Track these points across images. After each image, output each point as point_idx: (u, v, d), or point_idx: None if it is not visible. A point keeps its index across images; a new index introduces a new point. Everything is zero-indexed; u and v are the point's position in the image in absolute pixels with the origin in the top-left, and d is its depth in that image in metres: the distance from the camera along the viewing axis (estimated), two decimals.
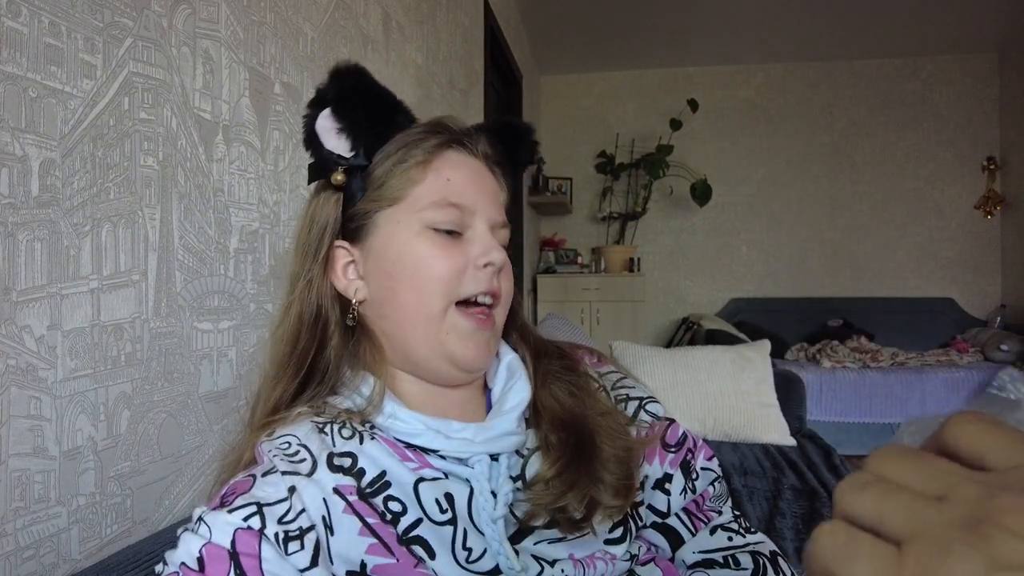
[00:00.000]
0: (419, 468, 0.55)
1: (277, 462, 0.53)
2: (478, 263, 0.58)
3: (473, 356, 0.58)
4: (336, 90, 0.57)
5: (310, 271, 0.60)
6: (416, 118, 0.64)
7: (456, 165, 0.60)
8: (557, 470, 0.55)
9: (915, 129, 4.35)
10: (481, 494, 0.54)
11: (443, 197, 0.58)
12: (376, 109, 0.59)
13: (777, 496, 1.68)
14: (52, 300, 0.67)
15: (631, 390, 0.68)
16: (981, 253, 4.28)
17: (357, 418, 0.56)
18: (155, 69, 0.82)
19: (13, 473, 0.63)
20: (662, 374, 2.15)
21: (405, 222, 0.58)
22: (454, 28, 2.34)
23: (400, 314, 0.58)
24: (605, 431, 0.59)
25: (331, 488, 0.52)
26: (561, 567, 0.55)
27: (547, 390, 0.62)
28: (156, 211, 0.82)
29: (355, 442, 0.55)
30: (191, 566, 0.46)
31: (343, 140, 0.58)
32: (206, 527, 0.47)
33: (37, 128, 0.65)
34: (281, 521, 0.48)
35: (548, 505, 0.54)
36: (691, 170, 4.23)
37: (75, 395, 0.70)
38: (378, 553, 0.50)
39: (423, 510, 0.53)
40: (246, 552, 0.46)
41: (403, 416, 0.56)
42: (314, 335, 0.59)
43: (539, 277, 4.25)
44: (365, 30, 1.49)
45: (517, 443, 0.57)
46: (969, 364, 3.49)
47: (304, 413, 0.58)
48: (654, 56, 4.40)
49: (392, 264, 0.58)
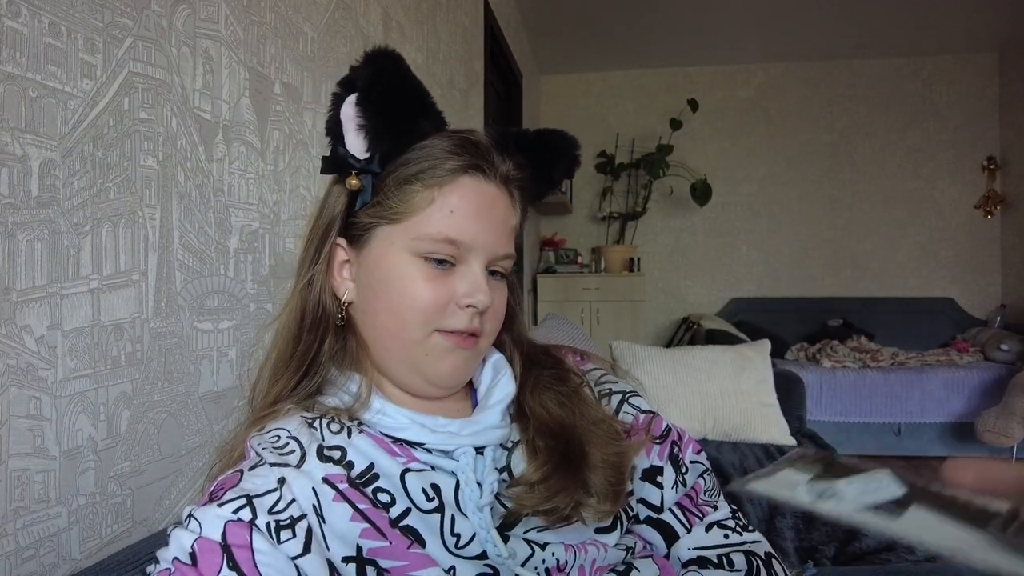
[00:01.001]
0: (406, 461, 0.56)
1: (265, 455, 0.54)
2: (461, 303, 0.57)
3: (448, 373, 0.58)
4: (367, 79, 0.55)
5: (312, 269, 0.61)
6: (445, 122, 0.61)
7: (466, 195, 0.57)
8: (542, 475, 0.55)
9: (915, 129, 4.35)
10: (467, 484, 0.55)
11: (441, 231, 0.56)
12: (401, 110, 0.57)
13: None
14: (52, 300, 0.67)
15: (614, 384, 0.69)
16: (981, 253, 4.28)
17: (345, 415, 0.57)
18: (155, 69, 0.82)
19: (13, 473, 0.63)
20: (662, 374, 2.15)
21: (400, 244, 0.57)
22: (454, 28, 2.34)
23: (379, 331, 0.59)
24: (596, 439, 0.59)
25: (320, 477, 0.52)
26: (552, 551, 0.55)
27: (536, 399, 0.62)
28: (156, 211, 0.82)
29: (343, 436, 0.56)
30: (184, 560, 0.46)
31: (361, 139, 0.56)
32: (196, 522, 0.48)
33: (37, 128, 0.65)
34: (272, 511, 0.49)
35: (532, 507, 0.54)
36: (691, 170, 4.23)
37: (75, 395, 0.70)
38: (371, 537, 0.51)
39: (410, 499, 0.54)
40: (238, 544, 0.47)
41: (390, 411, 0.57)
42: (315, 334, 0.60)
43: (539, 277, 4.25)
44: (365, 30, 1.49)
45: (502, 436, 0.58)
46: (969, 364, 3.49)
47: (293, 409, 0.59)
48: (654, 56, 4.40)
49: (379, 282, 0.58)
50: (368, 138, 0.56)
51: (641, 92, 4.65)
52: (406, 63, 0.57)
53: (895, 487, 0.24)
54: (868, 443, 3.38)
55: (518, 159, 0.62)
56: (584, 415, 0.61)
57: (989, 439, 2.94)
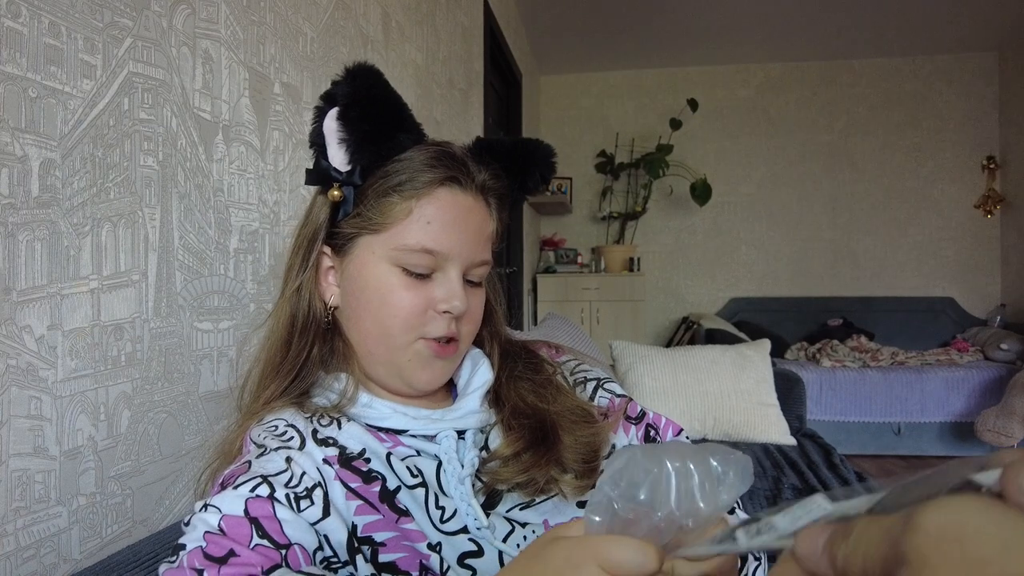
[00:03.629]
0: (392, 446, 0.59)
1: (268, 442, 0.56)
2: (438, 308, 0.60)
3: (428, 381, 0.62)
4: (347, 95, 0.58)
5: (300, 276, 0.63)
6: (423, 134, 0.64)
7: (443, 206, 0.60)
8: (515, 450, 0.58)
9: (915, 128, 4.35)
10: (449, 463, 0.58)
11: (419, 242, 0.58)
12: (381, 124, 0.59)
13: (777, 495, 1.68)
14: (52, 300, 0.67)
15: (588, 372, 0.72)
16: (981, 252, 4.28)
17: (333, 411, 0.61)
18: (155, 69, 0.82)
19: (13, 473, 0.63)
20: (662, 374, 2.15)
21: (380, 254, 0.60)
22: (454, 28, 2.34)
23: (363, 335, 0.62)
24: (569, 424, 0.61)
25: (321, 459, 0.56)
26: (532, 529, 0.57)
27: (511, 387, 0.65)
28: (156, 211, 0.82)
29: (334, 428, 0.59)
30: (215, 532, 0.46)
31: (343, 152, 0.59)
32: (214, 508, 0.48)
33: (37, 128, 0.65)
34: (288, 485, 0.51)
35: (507, 481, 0.57)
36: (691, 170, 4.23)
37: (75, 395, 0.70)
38: (365, 512, 0.54)
39: (398, 477, 0.57)
40: (263, 515, 0.48)
41: (374, 404, 0.60)
42: (306, 338, 0.63)
43: (539, 277, 4.25)
44: (365, 30, 1.49)
45: (481, 420, 0.62)
46: (969, 363, 3.49)
47: (287, 405, 0.62)
48: (654, 56, 4.40)
49: (361, 290, 0.61)
50: (349, 151, 0.59)
51: (641, 92, 4.65)
52: (385, 78, 0.60)
53: (828, 506, 0.24)
54: (868, 443, 3.38)
55: (494, 168, 0.64)
56: (557, 402, 0.64)
57: (989, 439, 2.94)
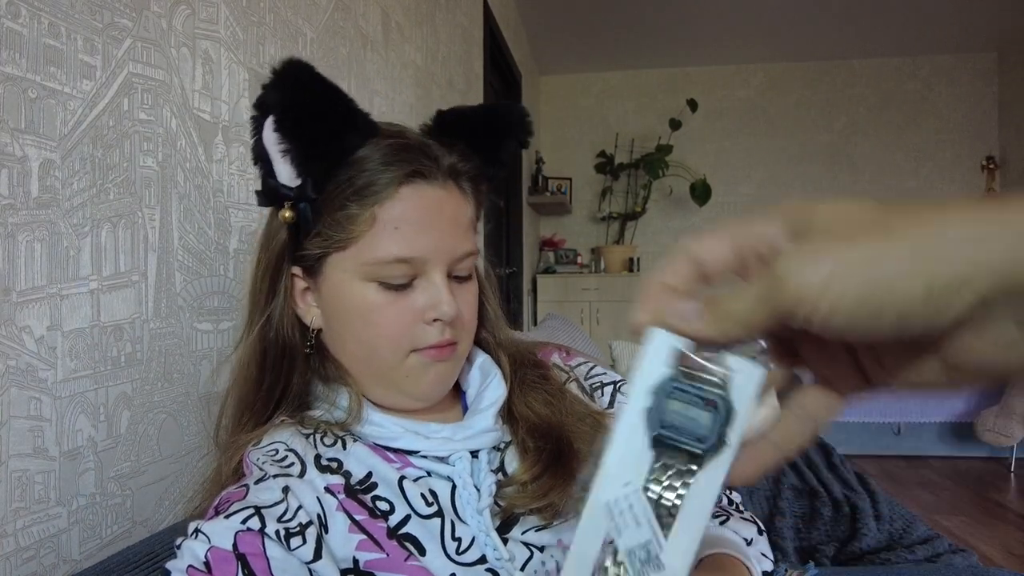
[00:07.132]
0: (402, 468, 0.55)
1: (268, 468, 0.53)
2: (426, 318, 0.54)
3: (429, 388, 0.57)
4: (277, 100, 0.51)
5: (270, 305, 0.58)
6: (375, 126, 0.56)
7: (409, 207, 0.53)
8: (533, 474, 0.55)
9: (915, 129, 4.35)
10: (464, 488, 0.54)
11: (390, 252, 0.52)
12: (323, 126, 0.52)
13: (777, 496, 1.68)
14: (52, 301, 0.67)
15: (603, 376, 0.69)
16: None
17: (337, 428, 0.57)
18: (154, 70, 0.82)
19: (13, 474, 0.63)
20: None
21: (352, 271, 0.54)
22: (453, 28, 2.34)
23: (351, 358, 0.58)
24: (583, 435, 0.59)
25: (323, 487, 0.52)
26: (550, 553, 0.55)
27: (523, 400, 0.61)
28: (156, 212, 0.82)
29: (338, 448, 0.56)
30: (199, 568, 0.45)
31: (288, 165, 0.52)
32: (204, 535, 0.47)
33: (37, 129, 0.65)
34: (280, 520, 0.49)
35: (526, 507, 0.54)
36: (691, 170, 4.22)
37: (75, 395, 0.70)
38: (368, 548, 0.51)
39: (410, 505, 0.53)
40: (252, 552, 0.47)
41: (382, 422, 0.56)
42: (279, 372, 0.58)
43: (539, 277, 4.25)
44: (364, 30, 1.49)
45: (495, 439, 0.58)
46: None
47: (286, 422, 0.58)
48: (654, 56, 4.39)
49: (341, 313, 0.56)
50: (295, 163, 0.52)
51: (641, 92, 4.65)
52: (317, 72, 0.52)
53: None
54: (867, 443, 3.38)
55: (461, 147, 0.57)
56: (570, 412, 0.61)
57: (989, 439, 2.95)
